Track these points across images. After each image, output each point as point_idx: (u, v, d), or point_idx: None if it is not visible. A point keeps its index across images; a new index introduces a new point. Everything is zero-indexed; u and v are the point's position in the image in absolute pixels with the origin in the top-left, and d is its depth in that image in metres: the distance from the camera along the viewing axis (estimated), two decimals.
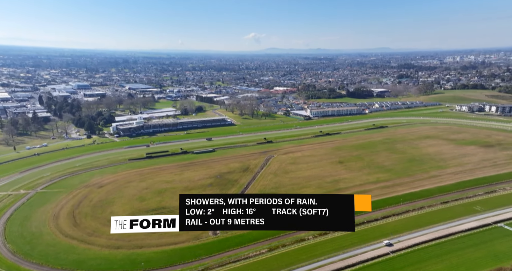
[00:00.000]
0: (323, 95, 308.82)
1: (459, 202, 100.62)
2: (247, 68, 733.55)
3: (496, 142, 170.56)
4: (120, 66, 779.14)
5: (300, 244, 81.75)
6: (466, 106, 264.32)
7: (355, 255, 75.89)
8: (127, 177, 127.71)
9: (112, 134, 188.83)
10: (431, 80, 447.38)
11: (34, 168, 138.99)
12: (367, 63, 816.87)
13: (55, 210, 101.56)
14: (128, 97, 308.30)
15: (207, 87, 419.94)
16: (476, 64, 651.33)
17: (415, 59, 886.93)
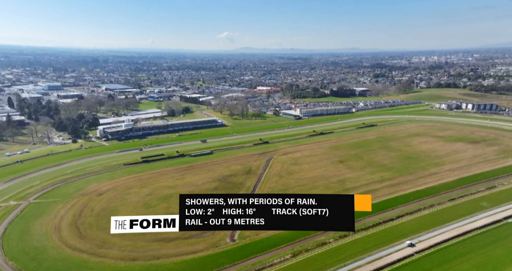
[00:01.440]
0: (308, 95, 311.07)
1: (465, 199, 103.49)
2: (224, 68, 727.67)
3: (480, 138, 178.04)
4: (90, 65, 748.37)
5: (323, 248, 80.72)
6: (445, 104, 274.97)
7: (381, 258, 75.68)
8: (126, 183, 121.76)
9: (100, 138, 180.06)
10: (405, 79, 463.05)
11: (20, 176, 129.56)
12: (341, 63, 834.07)
13: (55, 222, 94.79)
14: (108, 98, 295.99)
15: (189, 87, 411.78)
16: (441, 64, 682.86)
17: (385, 59, 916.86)
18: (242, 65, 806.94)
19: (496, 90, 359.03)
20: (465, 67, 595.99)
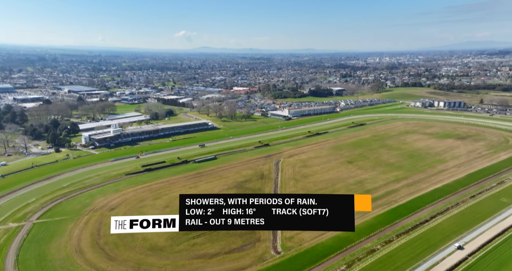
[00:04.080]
0: (288, 95, 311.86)
1: (484, 195, 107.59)
2: (190, 68, 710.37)
3: (465, 134, 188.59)
4: (38, 64, 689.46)
5: (374, 256, 78.17)
6: (419, 102, 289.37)
7: (437, 263, 74.23)
8: (136, 195, 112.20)
9: (86, 146, 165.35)
10: (371, 79, 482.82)
11: (8, 193, 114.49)
12: (304, 63, 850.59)
13: (72, 243, 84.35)
14: (78, 102, 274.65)
15: (162, 88, 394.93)
16: (395, 65, 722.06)
17: (343, 60, 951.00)
18: (207, 65, 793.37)
19: (455, 88, 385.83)
20: (417, 67, 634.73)
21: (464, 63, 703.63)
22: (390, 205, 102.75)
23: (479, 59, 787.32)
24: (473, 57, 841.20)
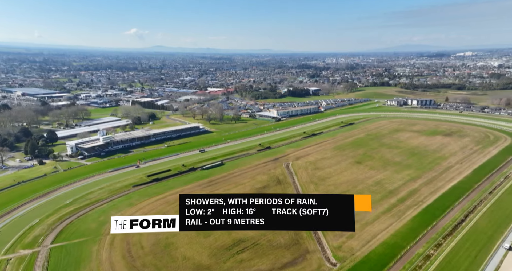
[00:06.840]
0: (268, 96, 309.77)
1: (500, 191, 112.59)
2: (151, 68, 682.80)
3: (449, 131, 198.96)
4: None
5: (433, 263, 75.14)
6: (394, 101, 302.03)
7: (498, 268, 74.18)
8: (155, 208, 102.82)
9: (73, 156, 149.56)
10: (339, 79, 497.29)
11: (1, 216, 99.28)
12: (266, 63, 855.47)
13: (105, 269, 74.52)
14: (43, 106, 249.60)
15: (132, 90, 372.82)
16: (353, 65, 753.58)
17: (302, 60, 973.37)
18: (169, 65, 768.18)
19: (418, 87, 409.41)
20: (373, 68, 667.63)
21: (411, 64, 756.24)
22: (419, 205, 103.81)
23: (422, 60, 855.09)
24: (417, 59, 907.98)
